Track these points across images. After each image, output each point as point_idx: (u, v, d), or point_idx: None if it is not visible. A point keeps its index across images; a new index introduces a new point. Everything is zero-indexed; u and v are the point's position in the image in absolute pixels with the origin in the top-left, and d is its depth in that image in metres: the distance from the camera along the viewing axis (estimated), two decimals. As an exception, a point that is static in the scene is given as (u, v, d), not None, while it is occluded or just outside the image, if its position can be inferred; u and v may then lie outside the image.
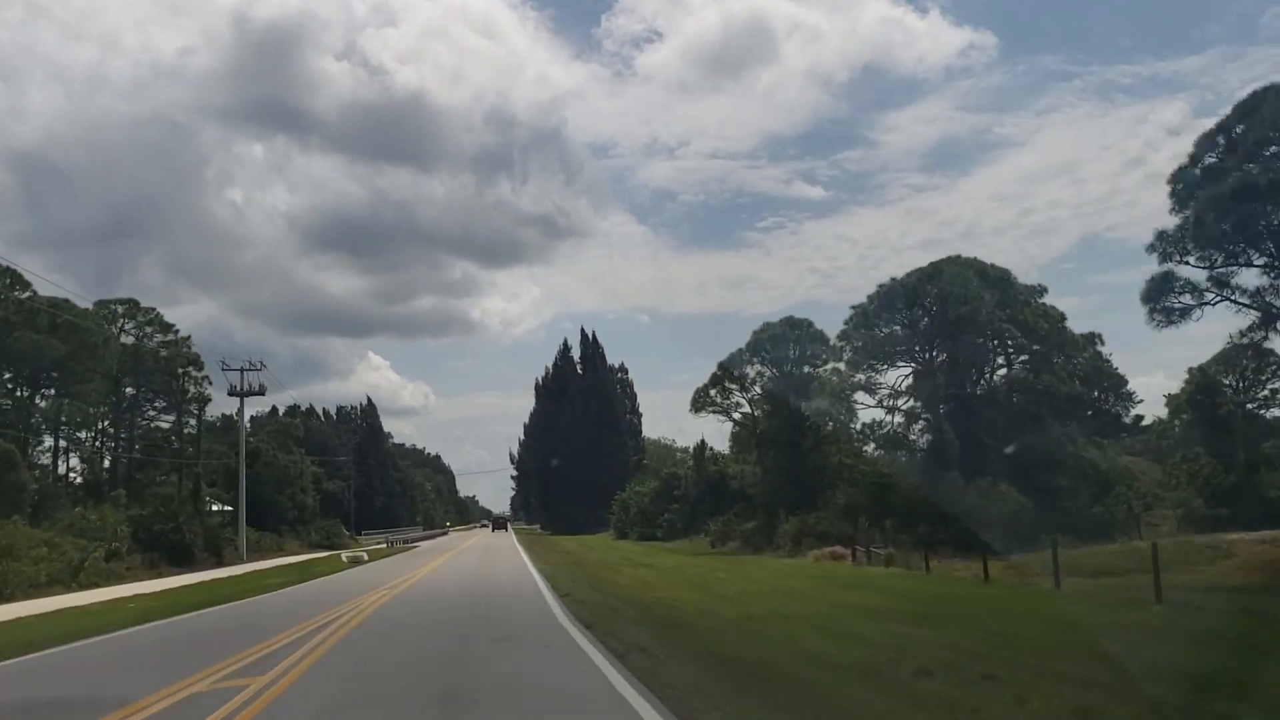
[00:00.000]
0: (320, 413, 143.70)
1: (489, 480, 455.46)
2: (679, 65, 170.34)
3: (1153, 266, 28.60)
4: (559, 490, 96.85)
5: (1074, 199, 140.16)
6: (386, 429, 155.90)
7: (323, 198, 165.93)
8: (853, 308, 42.58)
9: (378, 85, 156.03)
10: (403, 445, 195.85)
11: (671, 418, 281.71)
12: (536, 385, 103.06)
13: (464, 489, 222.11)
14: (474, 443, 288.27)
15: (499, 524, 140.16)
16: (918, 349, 42.94)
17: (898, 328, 43.39)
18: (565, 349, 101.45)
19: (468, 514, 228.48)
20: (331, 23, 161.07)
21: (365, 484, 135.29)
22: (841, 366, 46.73)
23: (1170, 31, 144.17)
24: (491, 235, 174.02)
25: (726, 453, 66.93)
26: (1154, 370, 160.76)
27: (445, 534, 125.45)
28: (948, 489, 39.61)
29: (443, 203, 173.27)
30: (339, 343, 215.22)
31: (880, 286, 41.59)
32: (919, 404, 42.93)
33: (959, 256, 44.01)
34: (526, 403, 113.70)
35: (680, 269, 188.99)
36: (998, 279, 44.05)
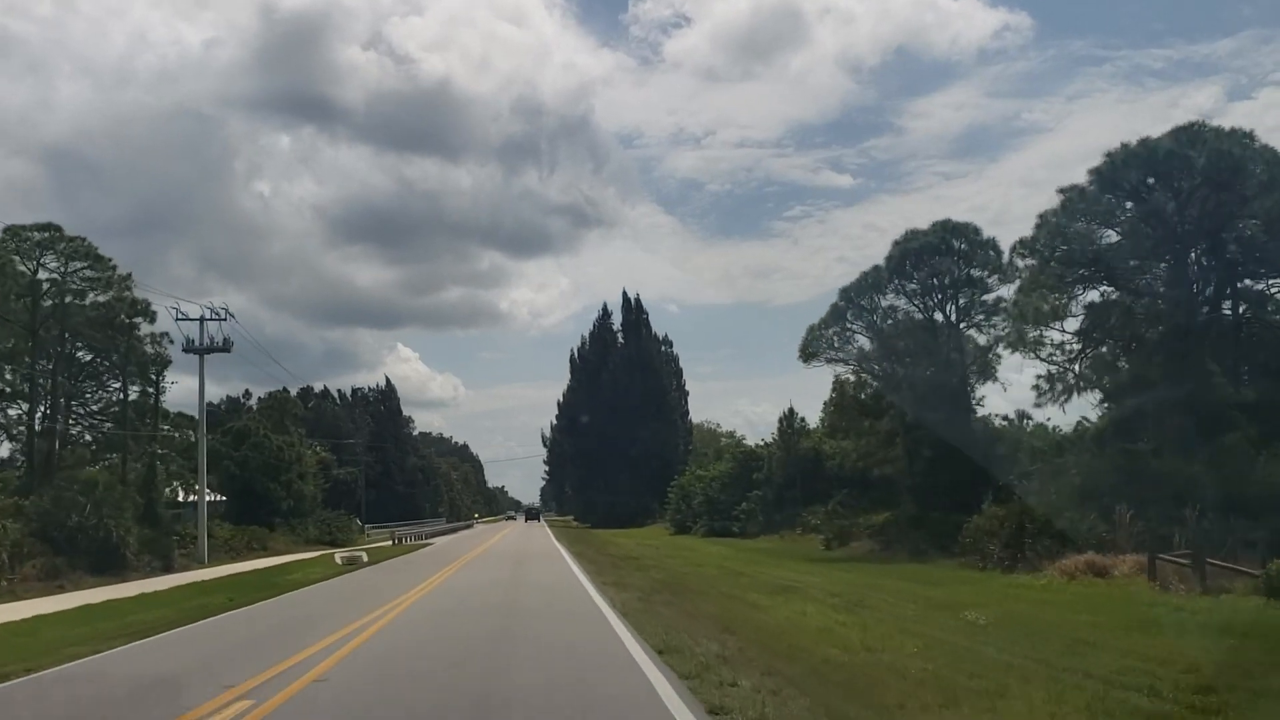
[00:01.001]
0: (335, 395, 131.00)
1: (519, 471, 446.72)
2: (708, 51, 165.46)
3: None
4: (599, 477, 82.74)
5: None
6: (416, 422, 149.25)
7: (350, 189, 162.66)
8: (1061, 191, 27.78)
9: (404, 74, 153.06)
10: (429, 434, 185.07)
11: (701, 410, 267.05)
12: (572, 358, 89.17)
13: (493, 479, 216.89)
14: (504, 435, 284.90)
15: (531, 514, 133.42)
16: (1155, 255, 28.16)
17: (1119, 226, 28.62)
18: (604, 315, 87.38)
19: (497, 505, 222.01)
20: (357, 11, 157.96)
21: (383, 472, 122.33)
22: (1008, 295, 32.18)
23: (1202, 14, 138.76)
24: (519, 225, 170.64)
25: (810, 427, 52.53)
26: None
27: (470, 526, 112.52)
28: (1231, 459, 24.86)
29: (470, 193, 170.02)
30: (368, 334, 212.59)
31: (1108, 156, 26.81)
32: (1158, 334, 28.21)
33: (1202, 124, 28.54)
34: (557, 393, 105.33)
35: (707, 259, 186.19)
36: (1270, 159, 28.75)
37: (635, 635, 12.21)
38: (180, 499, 78.15)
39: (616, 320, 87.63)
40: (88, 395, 47.54)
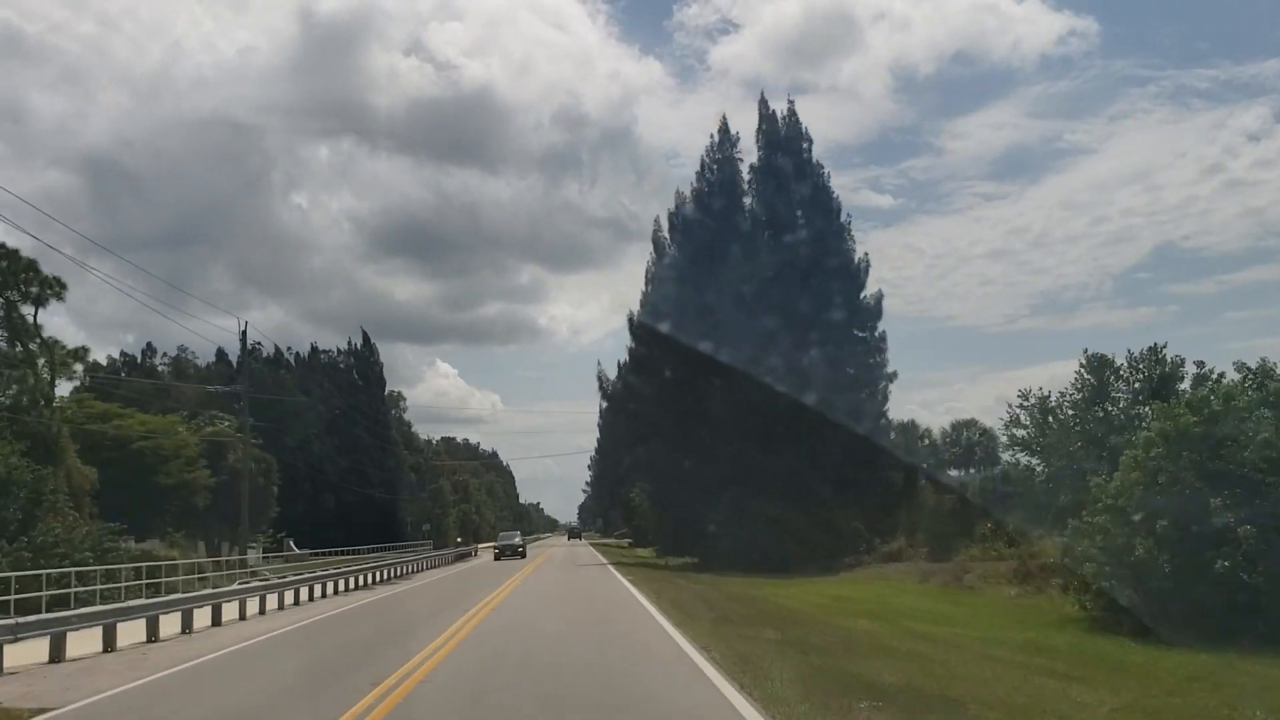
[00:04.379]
0: (290, 357, 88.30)
1: (555, 490, 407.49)
2: (756, 57, 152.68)
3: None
4: (709, 458, 38.79)
5: (1148, 207, 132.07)
6: (457, 434, 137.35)
7: (388, 200, 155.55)
8: None
9: (444, 81, 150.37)
10: (453, 439, 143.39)
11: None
12: (656, 235, 44.54)
13: (528, 496, 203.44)
14: (541, 453, 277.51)
15: (573, 534, 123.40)
16: None
17: None
18: (723, 140, 43.08)
19: (529, 523, 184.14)
20: (397, 17, 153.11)
21: (350, 470, 79.46)
22: None
23: (1248, 34, 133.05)
24: (559, 238, 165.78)
25: None
26: None
27: (472, 555, 70.41)
28: None
29: (510, 205, 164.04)
30: (407, 350, 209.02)
31: None
32: None
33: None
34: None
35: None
36: None
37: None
38: None
39: (746, 156, 43.77)
40: None
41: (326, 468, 75.77)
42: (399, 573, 39.39)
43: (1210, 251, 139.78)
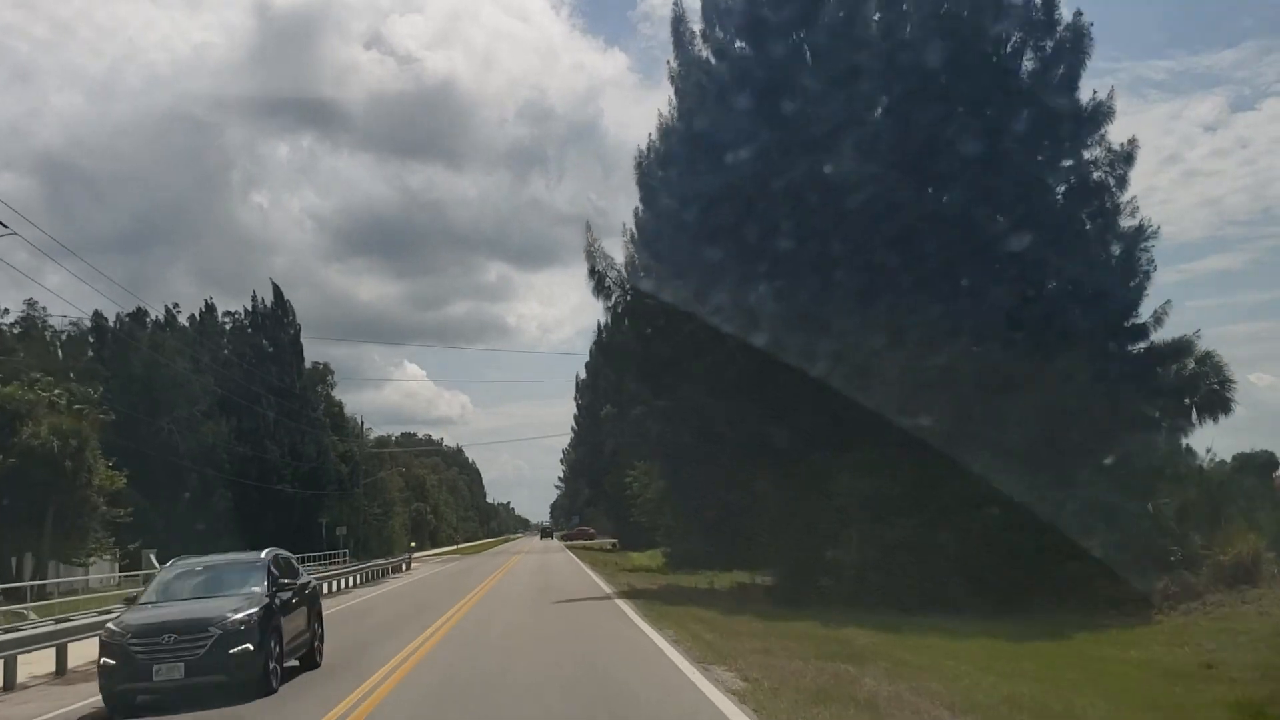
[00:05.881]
0: (188, 318, 68.25)
1: (527, 490, 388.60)
2: None
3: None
4: (787, 416, 20.60)
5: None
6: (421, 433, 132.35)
7: (352, 198, 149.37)
8: None
9: (406, 75, 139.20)
10: (413, 435, 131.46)
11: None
12: (680, 31, 26.65)
13: (498, 497, 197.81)
14: (512, 452, 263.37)
15: (546, 532, 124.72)
16: None
17: None
18: None
19: (501, 524, 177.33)
20: (357, 9, 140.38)
21: (252, 456, 60.59)
22: None
23: (1203, 25, 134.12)
24: (527, 236, 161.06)
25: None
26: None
27: (399, 572, 51.23)
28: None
29: (476, 202, 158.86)
30: (374, 351, 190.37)
31: None
32: None
33: None
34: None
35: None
36: None
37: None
38: None
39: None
40: None
41: (219, 456, 56.84)
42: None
43: (1170, 241, 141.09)
